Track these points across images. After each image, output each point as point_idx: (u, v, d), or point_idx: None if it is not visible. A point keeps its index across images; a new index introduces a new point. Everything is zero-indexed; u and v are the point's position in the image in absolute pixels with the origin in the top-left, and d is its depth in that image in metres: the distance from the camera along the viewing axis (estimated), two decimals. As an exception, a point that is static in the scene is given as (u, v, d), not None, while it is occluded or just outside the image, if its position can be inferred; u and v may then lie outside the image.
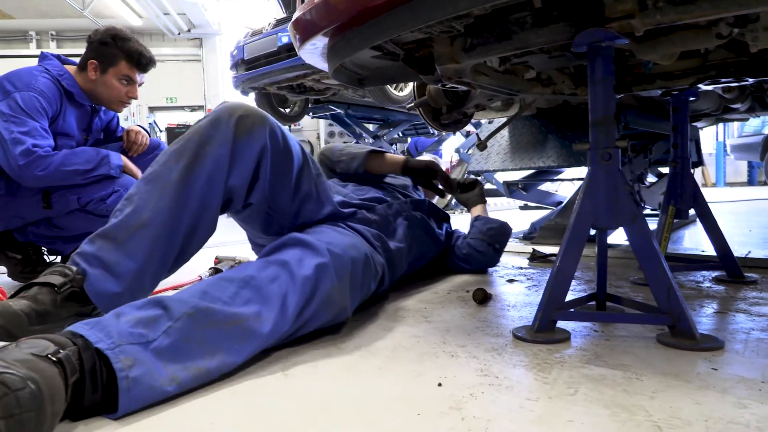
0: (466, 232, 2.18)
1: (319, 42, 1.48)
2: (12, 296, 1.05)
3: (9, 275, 2.24)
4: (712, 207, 1.86)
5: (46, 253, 2.26)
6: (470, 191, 2.24)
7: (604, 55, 1.24)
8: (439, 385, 0.94)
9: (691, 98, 1.91)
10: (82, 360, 0.80)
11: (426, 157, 2.55)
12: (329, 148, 2.05)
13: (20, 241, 2.14)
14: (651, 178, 3.81)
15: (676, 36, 1.31)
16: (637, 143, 3.12)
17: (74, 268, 1.08)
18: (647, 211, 3.86)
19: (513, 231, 2.25)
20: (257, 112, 1.29)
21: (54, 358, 0.76)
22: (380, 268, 1.48)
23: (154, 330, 0.90)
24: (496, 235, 2.11)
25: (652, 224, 2.18)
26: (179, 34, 12.64)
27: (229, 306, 1.01)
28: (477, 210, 2.23)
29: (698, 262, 2.01)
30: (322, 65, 1.67)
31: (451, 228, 2.21)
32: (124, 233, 1.11)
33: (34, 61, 2.06)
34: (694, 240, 3.01)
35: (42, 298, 1.04)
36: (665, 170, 3.37)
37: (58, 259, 2.29)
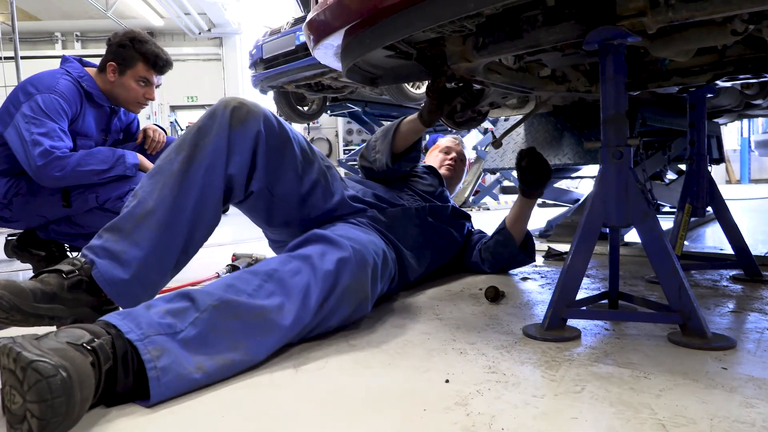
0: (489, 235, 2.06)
1: (333, 42, 1.50)
2: None
3: (34, 272, 2.30)
4: (736, 204, 1.84)
5: (68, 249, 2.32)
6: (526, 174, 1.86)
7: (616, 53, 1.23)
8: (447, 381, 0.96)
9: (709, 95, 1.88)
10: (115, 348, 0.86)
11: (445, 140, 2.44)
12: (365, 148, 1.95)
13: (43, 238, 2.20)
14: (671, 176, 3.76)
15: (690, 33, 1.30)
16: (656, 140, 3.08)
17: (83, 259, 1.13)
18: (666, 209, 3.81)
19: (529, 229, 2.15)
20: (251, 103, 1.34)
21: (89, 347, 0.82)
22: (392, 264, 1.51)
23: (182, 321, 0.95)
24: (504, 262, 1.99)
25: (670, 223, 2.15)
26: (200, 33, 12.76)
27: (253, 298, 1.06)
28: (517, 205, 1.94)
29: (716, 261, 1.99)
30: (336, 65, 1.69)
31: (472, 227, 2.16)
32: (130, 224, 1.16)
33: (59, 63, 2.11)
34: (716, 238, 2.97)
35: (49, 280, 1.08)
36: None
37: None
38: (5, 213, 2.06)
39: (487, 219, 4.57)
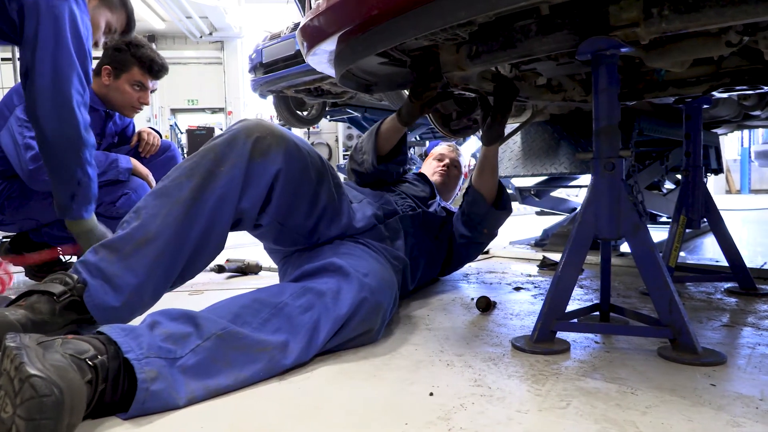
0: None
1: (326, 48, 1.49)
2: (12, 302, 1.06)
3: (26, 275, 2.29)
4: (736, 215, 1.82)
5: (61, 252, 2.30)
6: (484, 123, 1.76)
7: (609, 64, 1.22)
8: (431, 394, 0.94)
9: (705, 106, 1.87)
10: (109, 367, 0.85)
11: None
12: (353, 150, 1.95)
13: (36, 241, 2.19)
14: (669, 185, 3.75)
15: (685, 44, 1.29)
16: (654, 150, 3.07)
17: (75, 277, 1.08)
18: (663, 219, 3.80)
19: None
20: (275, 134, 1.26)
21: (91, 363, 0.81)
22: (397, 289, 1.45)
23: (183, 347, 0.93)
24: (483, 222, 1.87)
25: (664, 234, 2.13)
26: (201, 37, 12.81)
27: (258, 332, 1.03)
28: (481, 156, 1.83)
29: (712, 273, 1.97)
30: (330, 71, 1.68)
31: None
32: (128, 246, 1.10)
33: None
34: (715, 249, 2.95)
35: (39, 307, 1.03)
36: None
37: (74, 259, 2.34)
38: (-3, 215, 2.05)
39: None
